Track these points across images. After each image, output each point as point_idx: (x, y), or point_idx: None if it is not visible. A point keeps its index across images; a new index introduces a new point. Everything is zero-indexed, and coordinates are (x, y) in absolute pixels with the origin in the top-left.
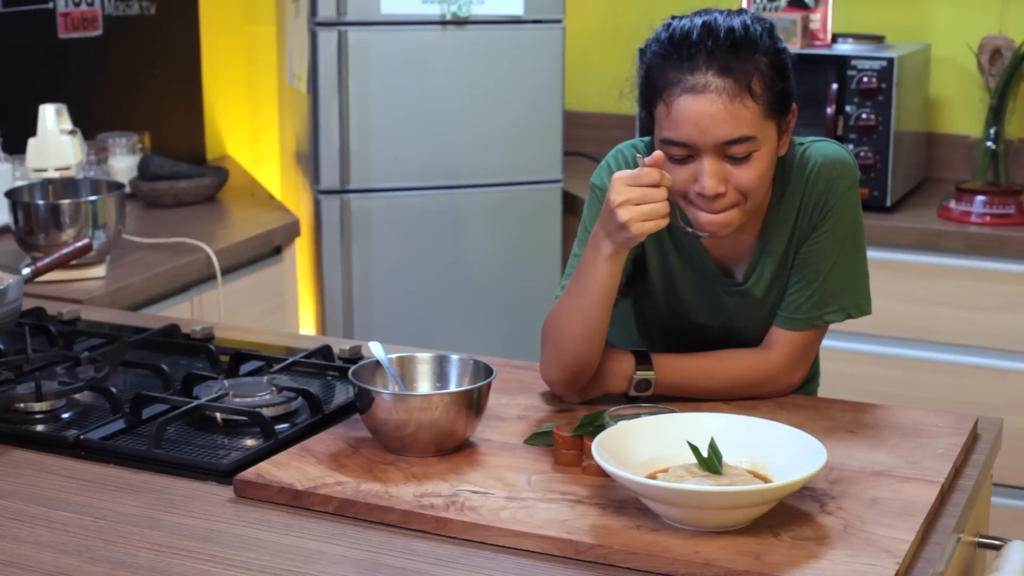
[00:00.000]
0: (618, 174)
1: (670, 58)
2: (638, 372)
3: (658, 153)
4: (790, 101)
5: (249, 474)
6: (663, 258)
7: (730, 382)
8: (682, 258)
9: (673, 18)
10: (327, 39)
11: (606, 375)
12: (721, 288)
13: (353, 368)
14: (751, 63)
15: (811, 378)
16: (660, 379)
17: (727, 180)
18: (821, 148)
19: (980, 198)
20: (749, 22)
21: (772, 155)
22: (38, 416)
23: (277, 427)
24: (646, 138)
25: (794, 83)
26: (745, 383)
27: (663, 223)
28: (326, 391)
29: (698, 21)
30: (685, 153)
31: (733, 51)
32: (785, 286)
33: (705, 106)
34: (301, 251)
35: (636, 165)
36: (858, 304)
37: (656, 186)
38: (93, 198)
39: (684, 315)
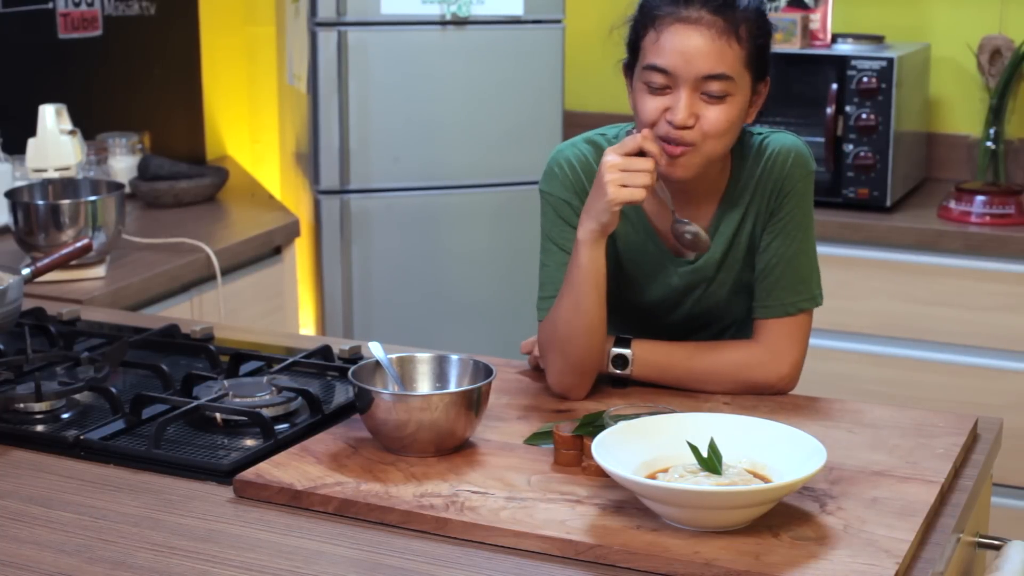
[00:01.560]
0: (608, 148)
1: None
2: (614, 348)
3: (645, 131)
4: (767, 67)
5: (249, 474)
6: (613, 242)
7: (712, 366)
8: (634, 241)
9: None
10: (327, 39)
11: None
12: (673, 268)
13: (353, 368)
14: (741, 12)
15: None
16: (638, 357)
17: (697, 116)
18: (779, 138)
19: (980, 198)
20: None
21: (742, 108)
22: (38, 416)
23: (277, 427)
24: (588, 133)
25: (771, 54)
26: (729, 367)
27: (640, 194)
28: (326, 391)
29: None
30: (664, 82)
31: (726, 1)
32: (737, 266)
33: (694, 37)
34: (301, 251)
35: (577, 166)
36: (820, 292)
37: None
38: (93, 198)
39: (639, 296)
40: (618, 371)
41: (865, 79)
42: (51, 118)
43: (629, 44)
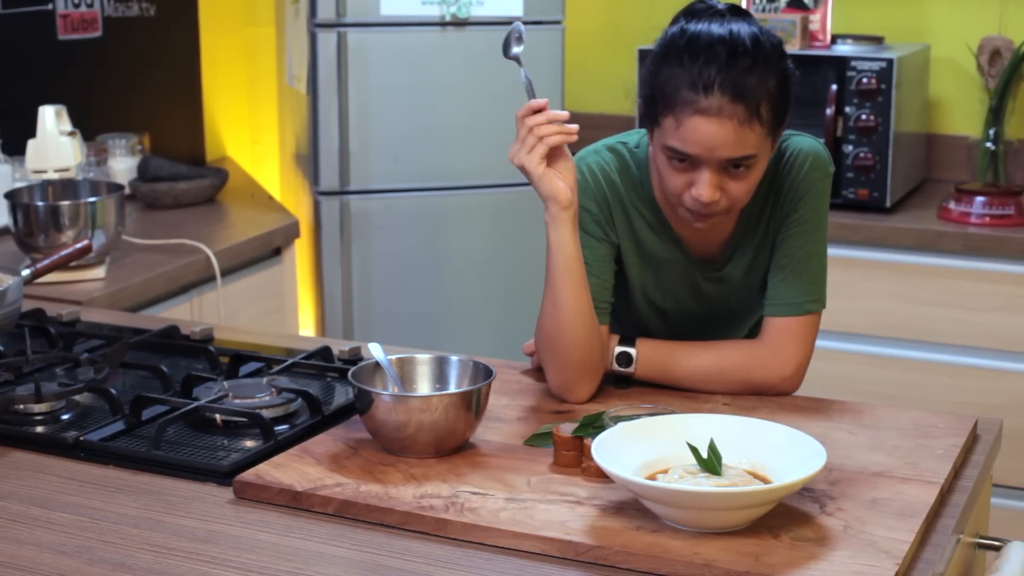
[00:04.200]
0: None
1: (687, 71)
2: (618, 346)
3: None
4: (787, 116)
5: (249, 475)
6: (640, 252)
7: (716, 364)
8: (660, 251)
9: (687, 19)
10: (326, 40)
11: None
12: (700, 275)
13: (353, 369)
14: (763, 88)
15: None
16: (642, 355)
17: (722, 189)
18: (798, 141)
19: (979, 199)
20: (762, 38)
21: (766, 165)
22: (38, 417)
23: (277, 428)
24: (610, 140)
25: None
26: (732, 365)
27: (540, 146)
28: (326, 392)
29: (716, 34)
30: (686, 162)
31: (748, 75)
32: (763, 270)
33: (716, 129)
34: (301, 252)
35: (598, 173)
36: (824, 294)
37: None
38: (93, 199)
39: (665, 306)
40: (622, 369)
41: (865, 80)
42: (51, 119)
43: (646, 106)
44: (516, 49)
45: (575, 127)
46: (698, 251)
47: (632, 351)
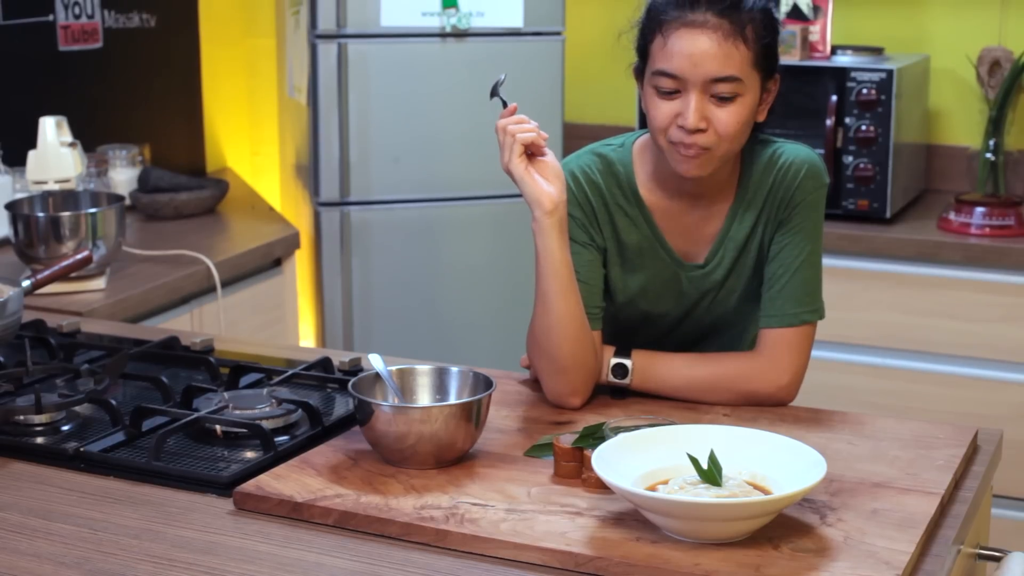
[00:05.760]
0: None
1: None
2: (614, 358)
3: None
4: (775, 65)
5: (249, 486)
6: (622, 255)
7: (712, 375)
8: (642, 247)
9: None
10: (327, 51)
11: None
12: (683, 274)
13: (353, 380)
14: (747, 13)
15: None
16: (638, 366)
17: (708, 119)
18: (794, 149)
19: (980, 209)
20: None
21: (752, 107)
22: (38, 428)
23: (277, 439)
24: (594, 145)
25: (778, 51)
26: (728, 376)
27: (516, 144)
28: (326, 403)
29: None
30: (674, 86)
31: (732, 1)
32: (746, 274)
33: (700, 40)
34: (301, 263)
35: (582, 178)
36: (821, 305)
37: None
38: (93, 210)
39: (650, 304)
40: (617, 380)
41: (865, 91)
42: (51, 130)
43: (638, 48)
44: (501, 92)
45: (545, 134)
46: (681, 248)
47: (628, 362)
